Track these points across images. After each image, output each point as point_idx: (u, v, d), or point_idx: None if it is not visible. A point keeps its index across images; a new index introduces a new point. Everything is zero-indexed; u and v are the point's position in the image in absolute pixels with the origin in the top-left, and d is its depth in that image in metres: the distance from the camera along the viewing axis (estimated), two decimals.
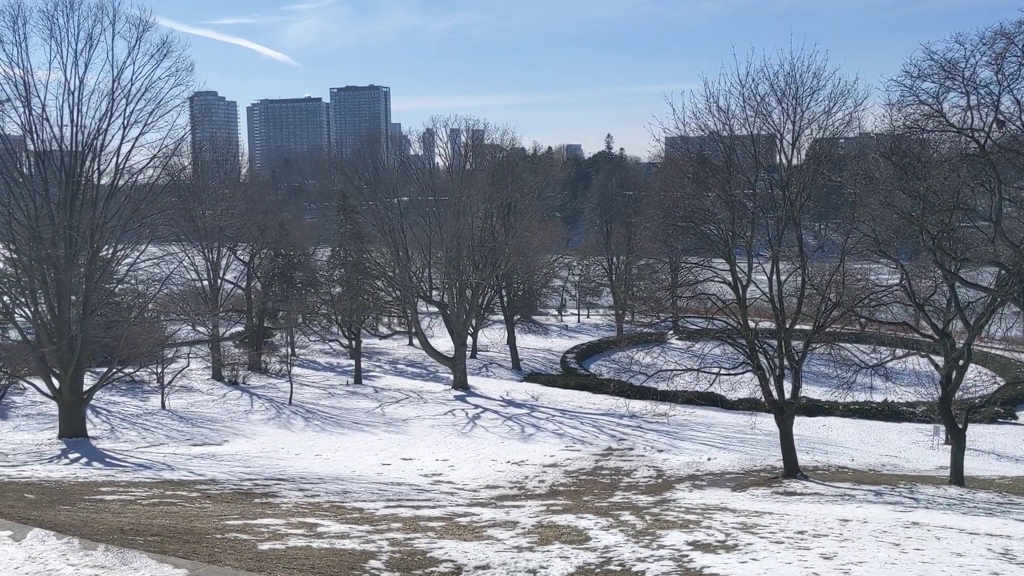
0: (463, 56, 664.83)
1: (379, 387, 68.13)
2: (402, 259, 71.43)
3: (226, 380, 68.37)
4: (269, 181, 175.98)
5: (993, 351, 75.94)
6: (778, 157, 36.13)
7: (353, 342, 73.63)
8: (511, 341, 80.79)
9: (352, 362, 72.82)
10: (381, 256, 78.65)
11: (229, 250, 75.12)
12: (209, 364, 70.59)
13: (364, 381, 70.24)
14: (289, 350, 79.31)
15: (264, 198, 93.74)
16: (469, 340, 77.40)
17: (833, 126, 34.08)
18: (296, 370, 69.35)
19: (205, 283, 71.17)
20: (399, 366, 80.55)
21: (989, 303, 34.62)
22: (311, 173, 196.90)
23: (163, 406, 57.03)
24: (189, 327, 73.05)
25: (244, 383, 68.14)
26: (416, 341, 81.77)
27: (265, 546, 15.56)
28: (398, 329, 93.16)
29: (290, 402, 59.92)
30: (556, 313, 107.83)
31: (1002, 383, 65.34)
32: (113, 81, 44.37)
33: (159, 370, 57.91)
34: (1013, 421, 58.43)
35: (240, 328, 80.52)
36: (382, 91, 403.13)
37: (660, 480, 33.66)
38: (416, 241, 72.25)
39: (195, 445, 45.34)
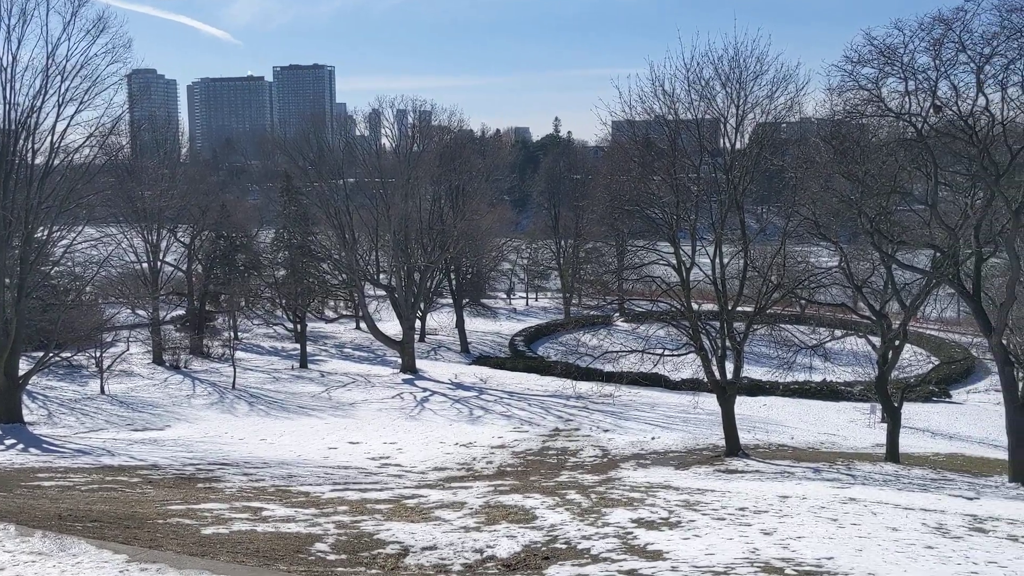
0: (409, 36, 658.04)
1: (325, 371, 67.59)
2: (348, 242, 70.74)
3: (167, 364, 67.19)
4: (210, 161, 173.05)
5: (928, 332, 77.99)
6: (722, 141, 36.58)
7: (298, 326, 72.84)
8: (460, 324, 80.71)
9: (297, 346, 72.05)
10: (327, 239, 77.78)
11: (169, 232, 73.60)
12: (149, 348, 69.27)
13: (310, 365, 69.59)
14: (232, 334, 78.02)
15: (205, 179, 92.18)
16: (417, 324, 77.09)
17: (776, 111, 34.63)
18: (239, 354, 68.41)
19: (144, 265, 69.63)
20: (346, 350, 79.96)
21: (924, 285, 35.58)
22: (254, 154, 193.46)
23: (102, 391, 55.87)
24: (128, 310, 71.46)
25: (186, 367, 67.04)
26: (363, 325, 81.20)
27: (208, 530, 15.39)
28: (345, 313, 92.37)
29: (233, 386, 59.13)
30: (505, 296, 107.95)
31: (936, 363, 67.27)
32: (47, 58, 43.09)
33: (98, 354, 56.67)
34: (947, 400, 60.24)
35: (181, 311, 79.07)
36: (326, 70, 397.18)
37: (606, 459, 34.04)
38: (363, 223, 71.55)
39: (136, 430, 44.55)
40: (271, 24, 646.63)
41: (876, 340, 36.81)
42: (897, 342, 35.90)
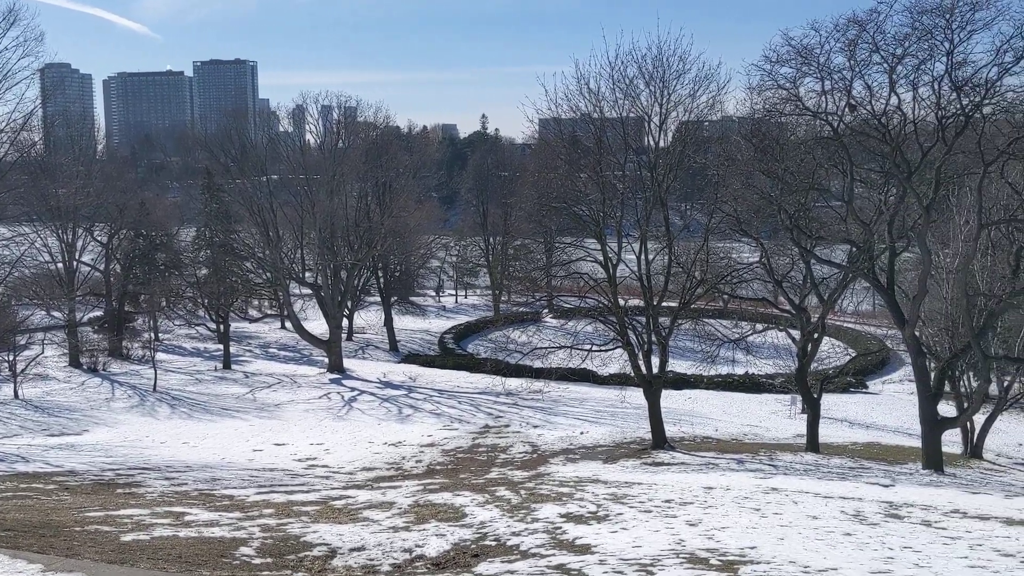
0: (334, 31, 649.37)
1: (250, 372, 66.37)
2: (272, 240, 69.52)
3: (85, 367, 65.13)
4: (128, 158, 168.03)
5: (845, 325, 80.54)
6: (647, 139, 37.09)
7: (221, 326, 71.35)
8: (388, 323, 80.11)
9: (220, 347, 70.58)
10: (250, 236, 76.31)
11: (85, 231, 71.34)
12: (66, 351, 67.05)
13: (234, 366, 68.26)
14: (152, 335, 76.18)
15: (123, 176, 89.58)
16: (345, 322, 76.28)
17: (698, 109, 35.23)
18: (160, 356, 66.74)
19: (59, 265, 67.39)
20: (271, 350, 78.64)
21: (841, 279, 36.70)
22: (174, 150, 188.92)
23: (16, 396, 53.86)
24: (43, 312, 69.09)
25: (104, 370, 65.08)
26: (289, 324, 79.93)
27: (128, 537, 14.97)
28: (269, 312, 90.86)
29: (154, 389, 57.65)
30: (434, 294, 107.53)
31: (853, 355, 69.53)
32: None
33: (10, 357, 54.67)
34: (864, 390, 62.21)
35: (99, 312, 76.70)
36: (249, 65, 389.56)
37: (535, 455, 34.21)
38: (287, 221, 70.44)
39: (52, 436, 43.04)
40: (190, 17, 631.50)
41: (796, 333, 37.80)
42: (816, 335, 36.92)
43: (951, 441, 38.53)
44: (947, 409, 36.83)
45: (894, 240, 31.49)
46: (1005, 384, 39.12)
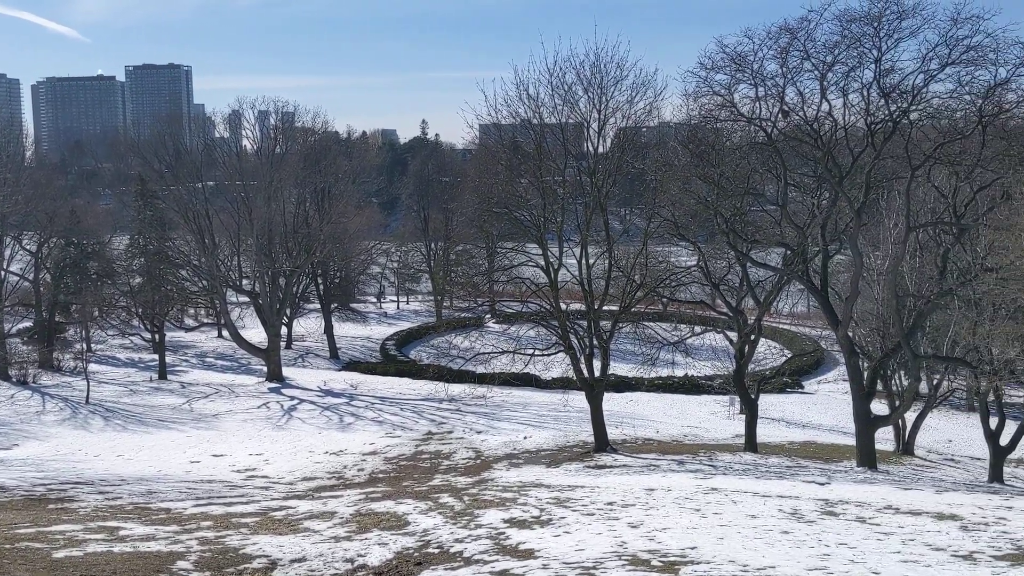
0: (271, 35, 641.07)
1: (186, 382, 65.03)
2: (208, 247, 68.25)
3: (14, 379, 63.08)
4: (58, 165, 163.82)
5: (781, 326, 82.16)
6: (586, 145, 37.35)
7: (156, 335, 69.78)
8: (328, 330, 79.26)
9: (156, 357, 69.00)
10: (185, 244, 74.83)
11: (14, 239, 69.19)
12: None
13: (170, 376, 66.79)
14: (84, 346, 74.11)
15: (53, 183, 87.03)
16: (284, 330, 75.22)
17: (636, 115, 35.60)
18: (93, 367, 65.00)
19: None
20: (208, 359, 77.19)
21: (777, 281, 37.44)
22: (106, 156, 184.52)
23: None
24: None
25: (35, 382, 63.13)
26: (226, 333, 78.48)
27: (60, 554, 14.54)
28: (206, 321, 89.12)
29: (87, 401, 56.11)
30: (375, 300, 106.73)
31: (789, 355, 70.96)
32: None
33: None
34: (800, 390, 63.52)
35: (28, 323, 74.39)
36: (183, 70, 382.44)
37: (479, 461, 34.17)
38: (224, 228, 69.21)
39: None
40: (122, 22, 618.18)
41: (733, 335, 38.44)
42: (752, 337, 37.61)
43: (884, 439, 39.57)
44: (880, 408, 37.83)
45: (827, 243, 32.23)
46: (935, 382, 40.32)
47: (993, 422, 32.17)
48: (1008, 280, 26.58)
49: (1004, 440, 31.84)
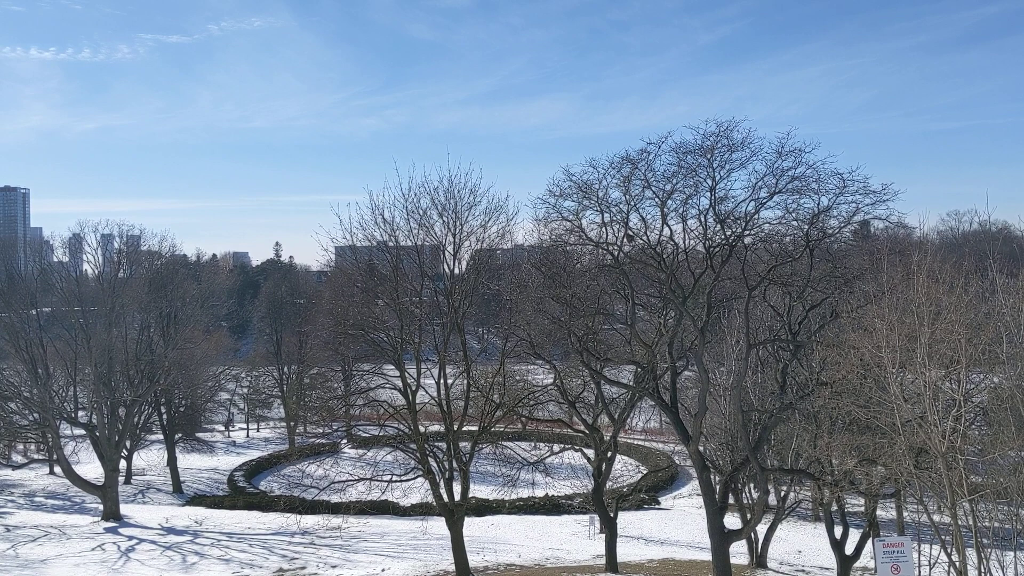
0: (114, 159, 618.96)
1: (12, 524, 59.38)
2: (41, 377, 63.85)
3: None
4: None
5: (636, 442, 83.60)
6: (442, 267, 37.82)
7: None
8: (171, 462, 74.80)
9: None
10: (15, 375, 69.72)
11: None
12: None
13: None
14: None
15: None
16: (123, 464, 70.41)
17: (489, 238, 36.49)
18: None
19: None
20: (37, 499, 71.04)
21: (629, 398, 38.37)
22: None
23: None
24: None
25: None
26: (58, 469, 72.68)
27: None
28: (36, 456, 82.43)
29: None
30: (223, 429, 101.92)
31: (645, 471, 72.08)
32: None
33: None
34: (657, 506, 64.20)
35: None
36: (20, 192, 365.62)
37: None
38: (59, 356, 65.12)
39: None
40: None
41: (591, 453, 38.81)
42: (609, 453, 38.09)
43: (739, 552, 40.29)
44: (733, 521, 38.67)
45: (675, 360, 33.39)
46: (782, 494, 41.72)
47: (838, 531, 33.37)
48: (842, 394, 28.12)
49: (849, 549, 33.01)
